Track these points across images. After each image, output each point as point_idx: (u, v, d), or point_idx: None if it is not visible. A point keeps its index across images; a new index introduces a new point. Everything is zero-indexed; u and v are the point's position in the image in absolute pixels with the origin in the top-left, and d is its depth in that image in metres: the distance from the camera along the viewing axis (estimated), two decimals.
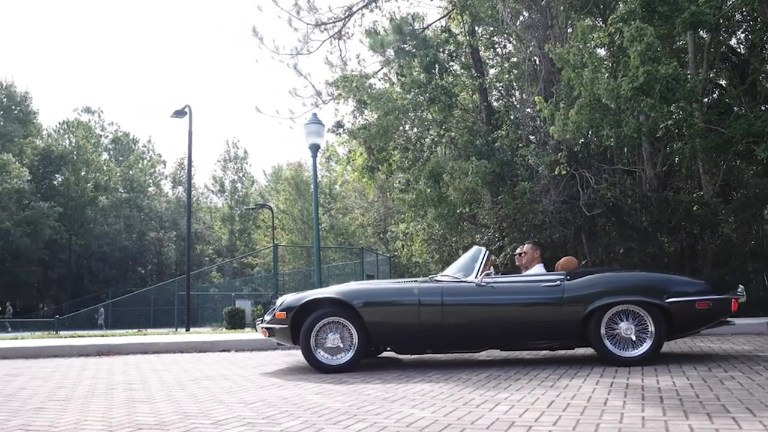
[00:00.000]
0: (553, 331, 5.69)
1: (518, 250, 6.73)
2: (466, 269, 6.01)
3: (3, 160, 45.63)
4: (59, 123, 57.46)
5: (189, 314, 16.93)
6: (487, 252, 6.05)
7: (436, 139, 15.19)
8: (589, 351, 6.63)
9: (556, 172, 11.50)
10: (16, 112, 51.43)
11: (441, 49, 14.71)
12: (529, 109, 13.49)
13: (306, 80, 15.60)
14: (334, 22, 14.86)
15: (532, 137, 13.25)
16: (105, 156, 59.43)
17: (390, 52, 14.98)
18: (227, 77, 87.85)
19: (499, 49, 16.77)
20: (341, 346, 5.81)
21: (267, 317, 6.22)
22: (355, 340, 5.80)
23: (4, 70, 65.32)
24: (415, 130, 15.81)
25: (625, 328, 5.50)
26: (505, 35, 15.39)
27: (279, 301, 6.29)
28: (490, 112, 14.91)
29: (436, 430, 3.16)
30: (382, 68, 15.77)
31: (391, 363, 6.44)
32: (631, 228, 12.26)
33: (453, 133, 14.76)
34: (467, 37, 14.84)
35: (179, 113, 18.40)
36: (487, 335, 5.84)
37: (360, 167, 15.71)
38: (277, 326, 5.98)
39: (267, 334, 6.16)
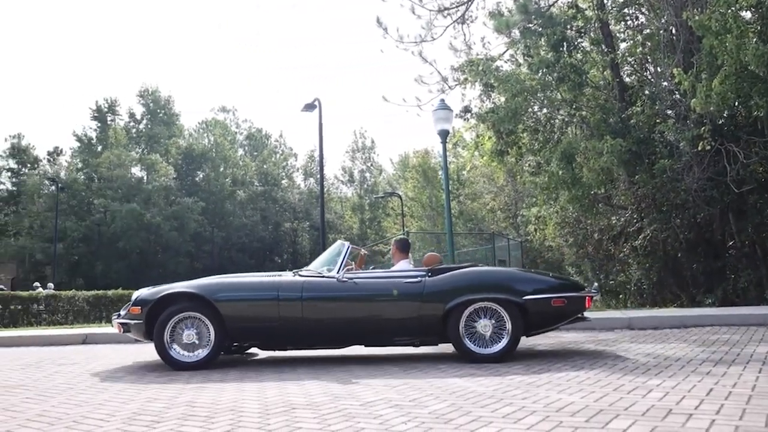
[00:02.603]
0: (414, 328, 5.61)
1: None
2: (330, 264, 5.89)
3: (152, 160, 49.15)
4: (198, 123, 60.99)
5: None
6: (350, 246, 5.91)
7: (566, 119, 14.72)
8: (745, 337, 6.24)
9: (699, 148, 10.82)
10: (161, 115, 55.09)
11: (568, 26, 14.20)
12: (665, 83, 12.75)
13: (431, 67, 15.54)
14: (456, 6, 14.73)
15: (670, 112, 12.53)
16: (240, 152, 62.33)
17: (515, 33, 14.65)
18: (353, 69, 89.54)
19: (630, 22, 15.95)
20: (197, 342, 5.60)
21: (122, 312, 5.95)
22: (212, 337, 5.62)
23: (149, 78, 70.03)
24: (545, 110, 15.38)
25: (483, 325, 5.48)
26: (637, 5, 14.61)
27: (134, 295, 5.96)
28: (622, 89, 14.24)
29: (588, 416, 3.10)
30: (507, 50, 15.46)
31: (531, 349, 6.35)
32: None
33: (584, 112, 14.23)
34: (596, 11, 14.22)
35: (309, 107, 18.98)
36: (348, 331, 5.73)
37: (489, 151, 15.51)
38: (132, 321, 5.70)
39: (122, 330, 5.87)
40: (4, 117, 79.40)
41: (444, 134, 12.38)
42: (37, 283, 25.45)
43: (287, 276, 6.00)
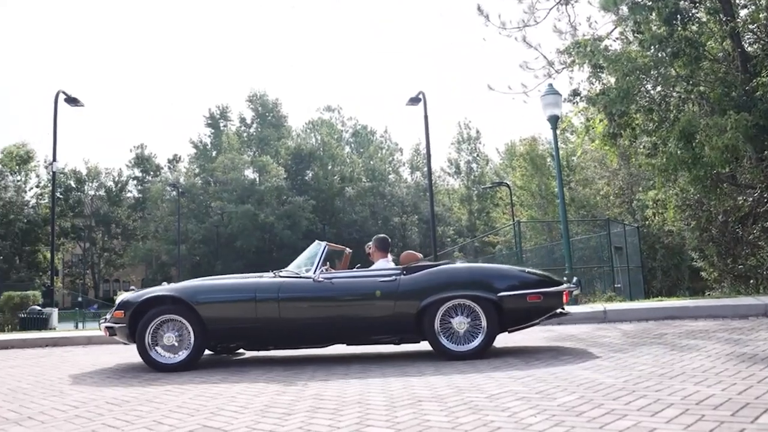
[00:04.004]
0: (390, 326, 5.62)
1: (367, 245, 6.69)
2: (308, 265, 5.91)
3: (263, 162, 50.92)
4: (305, 123, 62.58)
5: None
6: (327, 247, 5.96)
7: (683, 96, 13.96)
8: None
9: None
10: (269, 118, 56.95)
11: None
12: None
13: (536, 51, 15.12)
14: None
15: None
16: (347, 149, 63.42)
17: (623, 9, 14.03)
18: (455, 60, 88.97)
19: None
20: (176, 344, 5.68)
21: (108, 316, 6.06)
22: (192, 338, 5.67)
23: (256, 83, 72.51)
24: (659, 89, 14.65)
25: (458, 322, 5.48)
26: None
27: (118, 299, 6.11)
28: (745, 59, 13.34)
29: (732, 409, 2.93)
30: (615, 28, 14.84)
31: (658, 338, 6.08)
32: None
33: (703, 88, 13.45)
34: None
35: (414, 101, 19.03)
36: (326, 330, 5.75)
37: (600, 135, 14.96)
38: (117, 325, 5.82)
39: (108, 334, 5.98)
40: (129, 130, 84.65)
41: (554, 120, 12.08)
42: (165, 283, 26.83)
43: (267, 277, 6.06)
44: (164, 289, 6.00)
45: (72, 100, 17.85)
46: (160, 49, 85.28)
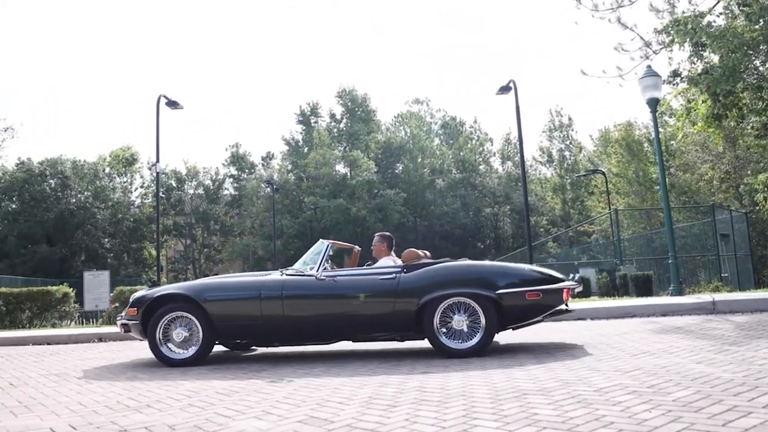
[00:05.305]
0: (390, 324, 5.65)
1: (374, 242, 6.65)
2: (312, 263, 6.01)
3: (354, 157, 51.53)
4: (394, 117, 62.71)
5: None
6: (331, 245, 6.05)
7: None
8: None
9: None
10: (359, 113, 57.48)
11: None
12: None
13: (632, 32, 14.51)
14: None
15: None
16: (437, 141, 63.18)
17: None
18: (544, 47, 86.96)
19: None
20: (185, 341, 5.90)
21: (123, 313, 6.27)
22: (201, 335, 5.87)
23: (345, 79, 73.48)
24: None
25: (457, 320, 5.48)
26: None
27: (132, 297, 6.37)
28: None
29: None
30: (718, 2, 14.08)
31: None
32: None
33: None
34: None
35: (504, 89, 18.69)
36: (328, 327, 5.84)
37: (703, 117, 14.26)
38: (131, 322, 6.07)
39: (124, 330, 6.27)
40: (225, 130, 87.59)
41: (653, 102, 11.61)
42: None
43: (273, 275, 6.22)
44: (175, 287, 6.28)
45: (172, 103, 18.60)
46: (251, 51, 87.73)
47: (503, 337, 6.64)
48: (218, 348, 6.69)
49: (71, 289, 14.62)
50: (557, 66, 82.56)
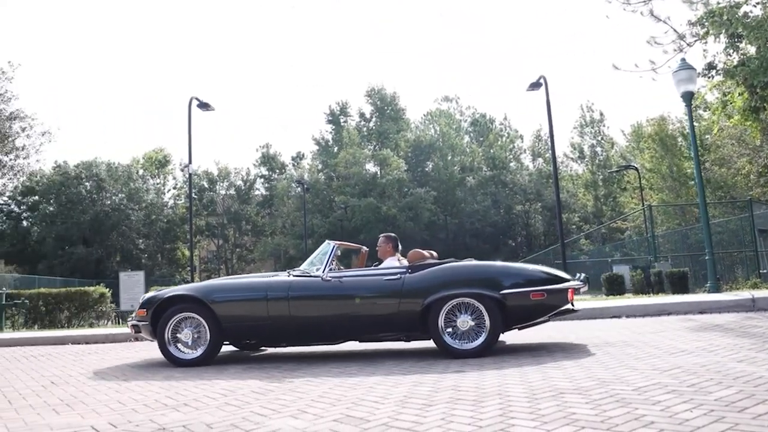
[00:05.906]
0: (395, 324, 5.66)
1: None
2: (319, 263, 6.05)
3: (384, 155, 51.56)
4: (423, 115, 62.63)
5: None
6: (337, 246, 6.09)
7: None
8: None
9: None
10: (388, 111, 57.48)
11: None
12: None
13: (665, 25, 14.32)
14: None
15: None
16: (466, 139, 62.87)
17: None
18: (574, 42, 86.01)
19: None
20: (192, 341, 5.98)
21: (133, 314, 6.37)
22: (209, 335, 5.94)
23: (374, 78, 73.50)
24: None
25: (462, 321, 5.46)
26: None
27: (141, 298, 6.48)
28: None
29: None
30: None
31: None
32: None
33: None
34: None
35: (535, 86, 18.55)
36: (334, 328, 5.86)
37: (740, 110, 13.98)
38: (141, 323, 6.17)
39: (134, 331, 6.38)
40: (256, 131, 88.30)
41: (688, 96, 11.41)
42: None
43: (280, 276, 6.25)
44: (183, 288, 6.35)
45: (204, 105, 18.81)
46: (280, 52, 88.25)
47: (535, 335, 6.58)
48: (229, 348, 6.72)
49: (107, 289, 14.88)
50: (588, 61, 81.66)
